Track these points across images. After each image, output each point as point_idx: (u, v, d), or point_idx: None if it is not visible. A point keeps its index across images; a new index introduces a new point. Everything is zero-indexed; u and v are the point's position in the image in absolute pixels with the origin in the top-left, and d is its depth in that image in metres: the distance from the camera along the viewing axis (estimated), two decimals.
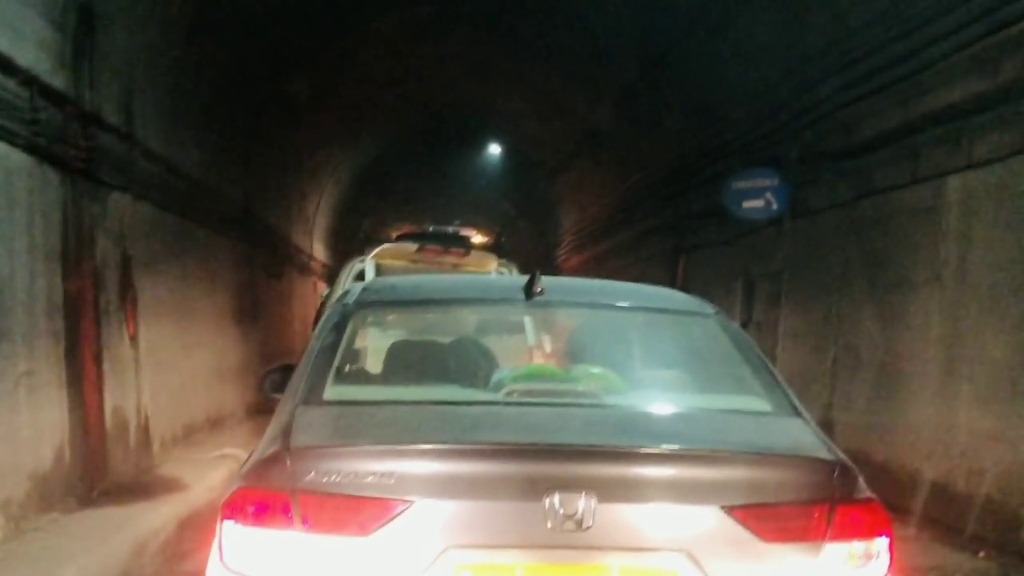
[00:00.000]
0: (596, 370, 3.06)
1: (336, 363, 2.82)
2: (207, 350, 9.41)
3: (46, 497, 5.35)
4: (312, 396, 2.62)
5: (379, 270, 7.87)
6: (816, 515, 2.27)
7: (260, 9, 9.01)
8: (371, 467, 2.19)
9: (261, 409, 9.58)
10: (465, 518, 2.19)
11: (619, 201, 14.31)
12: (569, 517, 2.16)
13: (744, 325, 8.82)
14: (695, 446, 2.42)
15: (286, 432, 2.38)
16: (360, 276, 7.65)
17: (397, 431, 2.46)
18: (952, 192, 5.99)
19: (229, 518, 2.25)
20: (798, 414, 2.70)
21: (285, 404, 2.66)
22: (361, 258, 8.06)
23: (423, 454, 2.27)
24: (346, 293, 3.38)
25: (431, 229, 8.77)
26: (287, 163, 13.58)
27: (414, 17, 11.95)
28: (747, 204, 8.40)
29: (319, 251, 17.88)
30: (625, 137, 13.52)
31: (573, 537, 2.17)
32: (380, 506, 2.17)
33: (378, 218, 22.93)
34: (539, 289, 3.10)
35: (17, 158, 5.10)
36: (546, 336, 4.40)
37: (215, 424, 9.52)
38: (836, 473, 2.34)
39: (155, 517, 5.68)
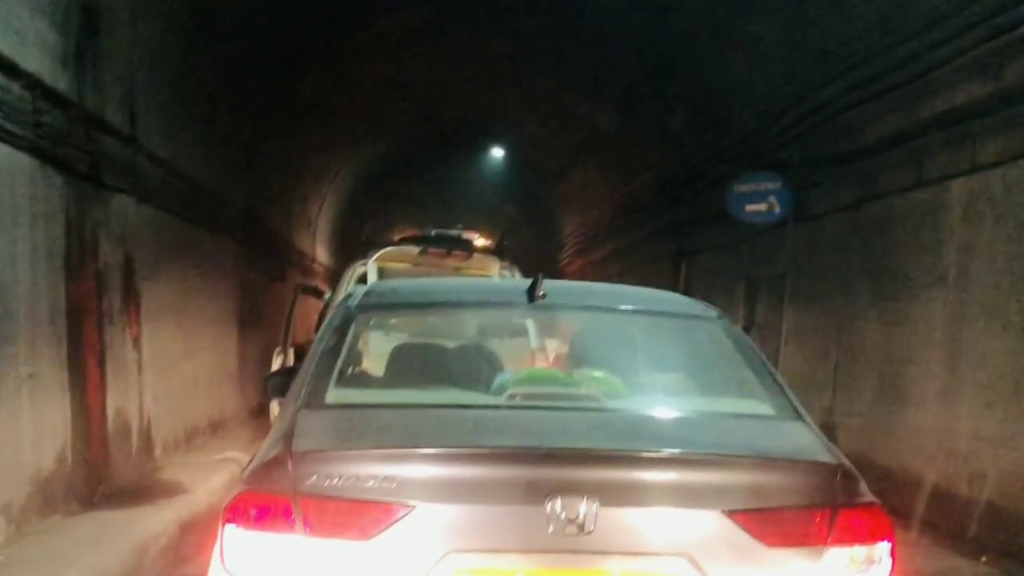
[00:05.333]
0: (599, 374, 3.06)
1: (338, 366, 2.82)
2: (209, 353, 9.41)
3: (48, 500, 5.34)
4: (314, 400, 2.62)
5: (381, 273, 7.86)
6: (818, 519, 2.27)
7: (263, 12, 9.02)
8: (373, 471, 2.19)
9: (264, 412, 9.59)
10: (466, 522, 2.19)
11: (622, 204, 14.32)
12: (571, 521, 2.16)
13: (746, 329, 8.81)
14: (697, 450, 2.42)
15: (288, 436, 2.38)
16: (362, 279, 7.64)
17: (399, 435, 2.46)
18: (956, 195, 5.98)
19: (231, 522, 2.24)
20: (800, 418, 2.70)
21: (287, 408, 2.66)
22: (363, 261, 8.04)
23: (425, 458, 2.27)
24: (348, 296, 3.38)
25: (433, 232, 8.72)
26: (290, 166, 13.60)
27: (417, 20, 11.96)
28: (750, 208, 8.40)
29: (321, 254, 17.90)
30: (628, 140, 13.53)
31: (574, 541, 2.17)
32: (382, 510, 2.17)
33: (380, 221, 22.94)
34: (542, 292, 3.10)
35: (20, 161, 5.11)
36: (549, 339, 4.41)
37: (217, 427, 9.52)
38: (838, 477, 2.33)
39: (157, 521, 5.67)
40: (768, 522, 2.24)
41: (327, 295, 8.55)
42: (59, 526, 5.27)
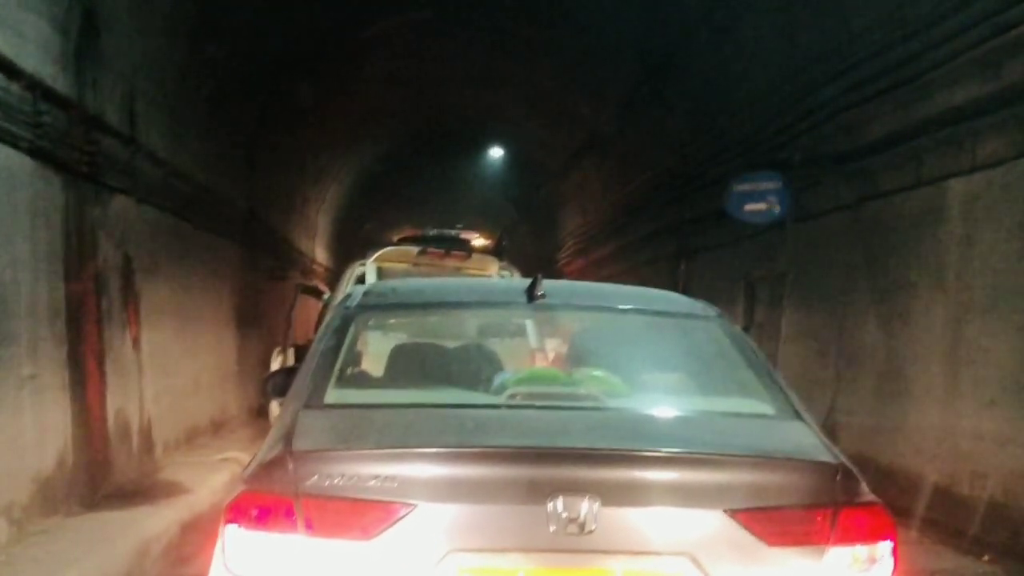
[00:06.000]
0: (598, 373, 3.06)
1: (338, 366, 2.81)
2: (209, 353, 9.42)
3: (49, 500, 5.35)
4: (314, 400, 2.62)
5: (380, 273, 7.86)
6: (819, 519, 2.27)
7: (263, 12, 9.02)
8: (374, 470, 2.19)
9: (264, 412, 9.59)
10: (468, 521, 2.19)
11: (621, 204, 14.32)
12: (572, 521, 2.16)
13: (746, 328, 8.80)
14: (698, 449, 2.41)
15: (288, 436, 2.37)
16: (361, 279, 7.64)
17: (399, 434, 2.46)
18: (955, 195, 5.98)
19: (232, 522, 2.24)
20: (801, 417, 2.69)
21: (287, 408, 2.66)
22: (362, 261, 8.05)
23: (425, 457, 2.27)
24: (348, 296, 3.38)
25: (433, 232, 8.75)
26: (290, 166, 13.60)
27: (417, 21, 11.96)
28: (749, 207, 8.40)
29: (321, 254, 17.90)
30: (627, 140, 13.53)
31: (576, 541, 2.17)
32: (383, 510, 2.17)
33: (380, 221, 22.94)
34: (541, 292, 3.10)
35: (20, 161, 5.11)
36: (548, 339, 4.40)
37: (217, 427, 9.52)
38: (839, 476, 2.33)
39: (158, 521, 5.68)
40: (769, 521, 2.23)
41: (326, 295, 8.55)
42: (61, 526, 5.27)
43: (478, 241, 11.71)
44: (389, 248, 8.38)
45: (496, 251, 9.10)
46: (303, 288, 9.37)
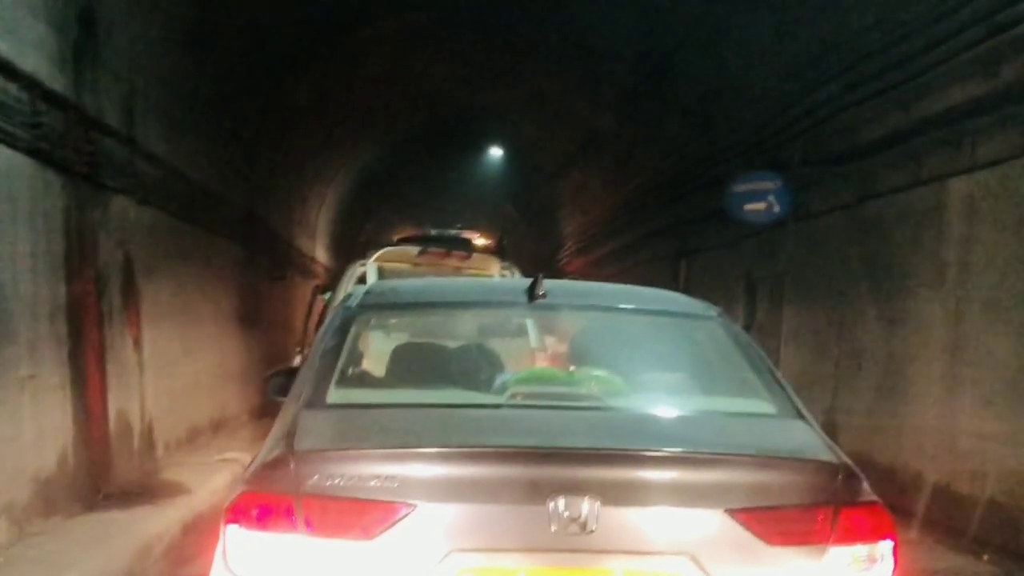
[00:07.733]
0: (599, 373, 3.06)
1: (339, 366, 2.81)
2: (210, 353, 9.41)
3: (49, 501, 5.35)
4: (315, 399, 2.62)
5: (381, 273, 7.86)
6: (820, 518, 2.27)
7: (262, 13, 9.02)
8: (375, 470, 2.19)
9: (264, 412, 9.60)
10: (469, 521, 2.19)
11: (621, 204, 14.32)
12: (573, 520, 2.16)
13: (747, 327, 8.81)
14: (699, 449, 2.41)
15: (290, 435, 2.38)
16: (362, 279, 7.64)
17: (400, 434, 2.46)
18: (954, 194, 5.99)
19: (233, 522, 2.24)
20: (801, 417, 2.70)
21: (288, 407, 2.66)
22: (363, 261, 8.06)
23: (426, 457, 2.27)
24: (349, 296, 3.38)
25: (433, 232, 8.76)
26: (290, 166, 13.60)
27: (416, 21, 11.96)
28: (749, 207, 8.40)
29: (321, 254, 17.89)
30: (627, 140, 13.53)
31: (577, 540, 2.17)
32: (384, 510, 2.17)
33: (380, 221, 22.96)
34: (542, 292, 3.10)
35: (19, 162, 5.10)
36: (549, 339, 4.40)
37: (218, 427, 9.52)
38: (840, 476, 2.33)
39: (159, 521, 5.67)
40: (770, 521, 2.24)
41: (327, 295, 8.56)
42: (61, 527, 5.27)
43: (479, 241, 11.72)
44: (390, 248, 8.39)
45: (497, 251, 9.11)
46: (323, 289, 9.39)
